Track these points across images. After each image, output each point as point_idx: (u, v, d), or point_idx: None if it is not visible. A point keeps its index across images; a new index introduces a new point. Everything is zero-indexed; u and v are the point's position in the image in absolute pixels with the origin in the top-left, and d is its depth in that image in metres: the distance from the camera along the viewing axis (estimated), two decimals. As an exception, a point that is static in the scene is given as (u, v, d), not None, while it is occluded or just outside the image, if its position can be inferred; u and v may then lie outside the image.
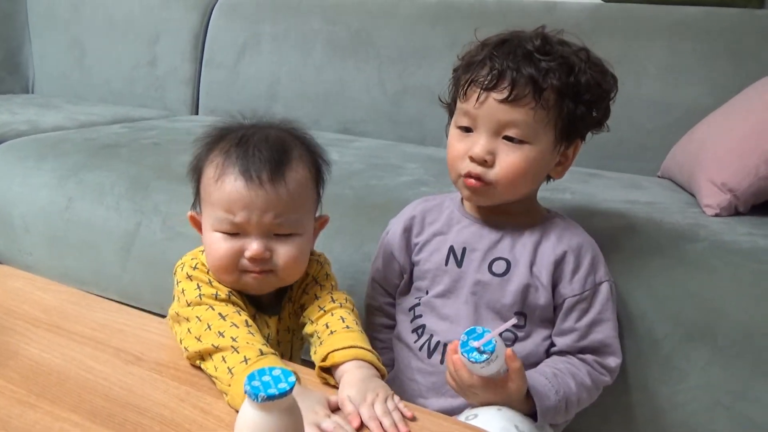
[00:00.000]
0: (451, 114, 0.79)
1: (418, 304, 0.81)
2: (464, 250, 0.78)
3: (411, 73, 1.63)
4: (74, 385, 0.61)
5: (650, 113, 1.37)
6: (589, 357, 0.75)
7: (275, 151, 0.69)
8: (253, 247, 0.67)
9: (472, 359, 0.62)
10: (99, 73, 2.07)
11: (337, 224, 0.89)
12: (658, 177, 1.34)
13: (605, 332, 0.75)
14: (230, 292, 0.70)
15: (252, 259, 0.68)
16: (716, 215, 1.01)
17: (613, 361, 0.75)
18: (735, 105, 1.17)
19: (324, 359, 0.66)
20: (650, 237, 0.90)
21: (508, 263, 0.76)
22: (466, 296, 0.77)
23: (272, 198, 0.67)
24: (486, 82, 0.70)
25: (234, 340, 0.63)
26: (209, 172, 0.70)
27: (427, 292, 0.81)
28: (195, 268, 0.72)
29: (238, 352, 0.62)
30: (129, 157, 1.28)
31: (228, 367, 0.61)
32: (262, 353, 0.62)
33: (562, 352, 0.76)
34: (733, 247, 0.86)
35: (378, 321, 0.88)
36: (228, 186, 0.68)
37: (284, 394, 0.42)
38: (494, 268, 0.76)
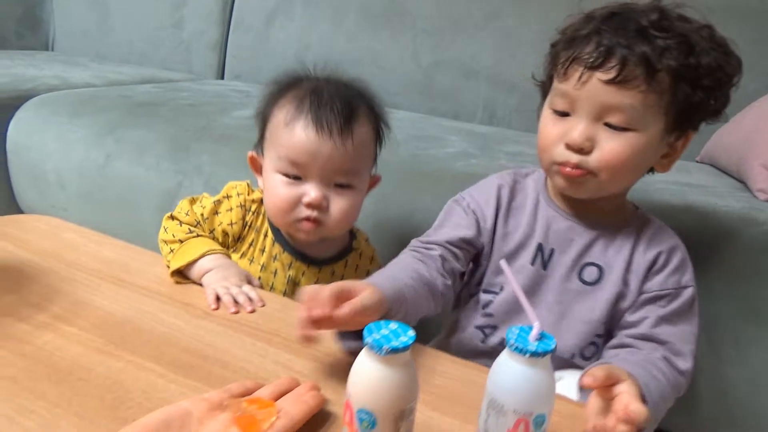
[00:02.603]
0: (544, 94, 0.71)
1: (491, 302, 0.73)
2: (552, 250, 0.70)
3: (447, 45, 1.60)
4: (151, 336, 0.60)
5: (692, 96, 1.36)
6: (659, 348, 0.65)
7: (346, 105, 0.72)
8: (311, 193, 0.71)
9: None
10: (122, 33, 2.03)
11: (385, 189, 0.88)
12: (697, 162, 1.33)
13: (678, 333, 0.65)
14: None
15: (309, 205, 0.71)
16: (769, 200, 1.00)
17: (682, 364, 0.64)
18: (787, 90, 1.15)
19: None
20: (707, 221, 0.89)
21: (601, 270, 0.68)
22: (549, 304, 0.70)
23: (339, 149, 0.70)
24: (591, 60, 0.61)
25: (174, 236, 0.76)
26: (279, 116, 0.73)
27: (502, 289, 0.73)
28: (250, 202, 0.80)
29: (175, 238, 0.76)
30: (168, 117, 1.25)
31: (171, 248, 0.75)
32: (191, 231, 0.77)
33: (623, 345, 0.66)
34: (794, 231, 0.86)
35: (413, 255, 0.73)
36: (298, 131, 0.71)
37: (406, 348, 0.41)
38: (585, 276, 0.69)
